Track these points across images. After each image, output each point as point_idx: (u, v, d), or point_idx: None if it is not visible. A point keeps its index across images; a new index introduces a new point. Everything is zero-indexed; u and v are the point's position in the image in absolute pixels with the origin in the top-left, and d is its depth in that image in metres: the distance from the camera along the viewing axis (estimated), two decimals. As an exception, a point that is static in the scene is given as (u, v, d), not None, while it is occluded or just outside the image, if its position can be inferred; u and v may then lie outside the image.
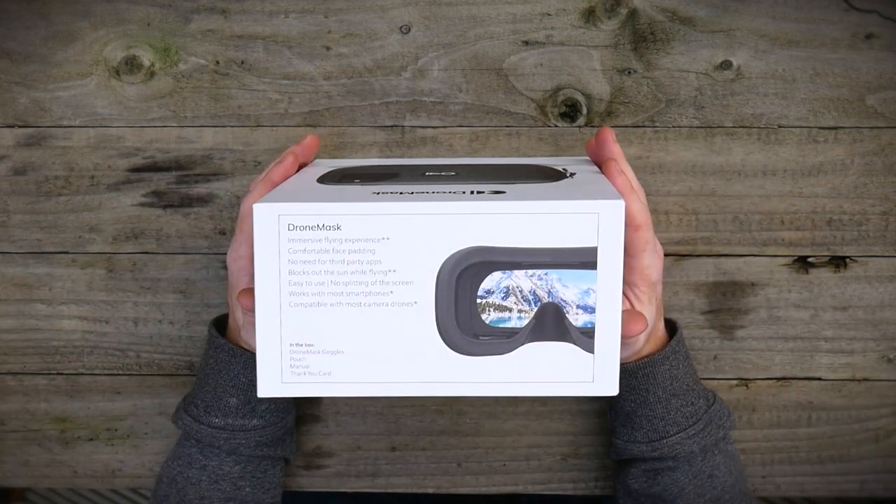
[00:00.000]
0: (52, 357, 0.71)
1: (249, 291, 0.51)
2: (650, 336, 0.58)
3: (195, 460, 0.63)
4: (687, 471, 0.61)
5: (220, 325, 0.65)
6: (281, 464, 0.67)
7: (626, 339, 0.53)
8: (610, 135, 0.56)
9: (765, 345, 0.70)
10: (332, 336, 0.47)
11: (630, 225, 0.51)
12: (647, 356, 0.59)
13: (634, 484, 0.63)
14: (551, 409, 0.71)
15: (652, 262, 0.53)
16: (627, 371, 0.59)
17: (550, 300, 0.46)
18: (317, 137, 0.64)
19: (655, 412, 0.60)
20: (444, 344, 0.46)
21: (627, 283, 0.54)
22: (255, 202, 0.46)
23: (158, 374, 0.72)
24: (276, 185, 0.55)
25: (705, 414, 0.61)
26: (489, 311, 0.46)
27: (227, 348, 0.61)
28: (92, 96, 0.67)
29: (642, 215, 0.51)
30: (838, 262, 0.68)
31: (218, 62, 0.67)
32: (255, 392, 0.62)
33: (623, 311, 0.54)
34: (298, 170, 0.60)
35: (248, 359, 0.61)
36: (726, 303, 0.69)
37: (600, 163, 0.56)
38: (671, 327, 0.63)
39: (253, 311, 0.48)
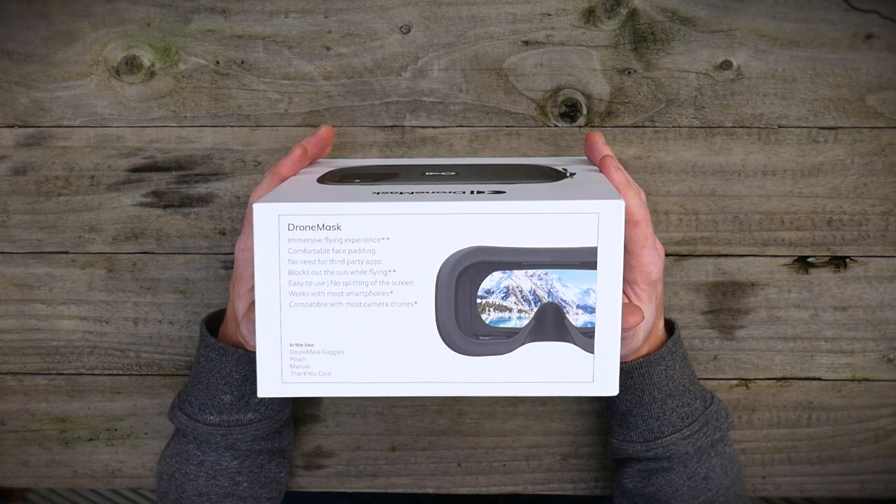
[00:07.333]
0: (52, 357, 0.71)
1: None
2: (649, 336, 0.58)
3: (192, 456, 0.63)
4: (682, 472, 0.61)
5: (213, 321, 0.65)
6: (278, 459, 0.67)
7: (621, 332, 0.53)
8: (599, 138, 0.56)
9: (765, 345, 0.70)
10: (332, 336, 0.46)
11: (629, 221, 0.51)
12: (644, 356, 0.59)
13: (629, 483, 0.63)
14: (551, 409, 0.71)
15: (652, 259, 0.53)
16: (623, 370, 0.59)
17: (550, 300, 0.46)
18: (331, 129, 0.61)
19: (651, 412, 0.60)
20: (444, 344, 0.46)
21: (627, 280, 0.54)
22: (255, 200, 0.46)
23: (158, 374, 0.72)
24: (283, 178, 0.55)
25: (702, 415, 0.61)
26: (489, 311, 0.46)
27: (217, 347, 0.61)
28: (92, 96, 0.67)
29: (640, 211, 0.51)
30: (838, 262, 0.68)
31: (218, 62, 0.67)
32: (249, 387, 0.62)
33: None
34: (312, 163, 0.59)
35: (239, 356, 0.61)
36: (726, 303, 0.69)
37: (596, 162, 0.56)
38: (670, 328, 0.63)
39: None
